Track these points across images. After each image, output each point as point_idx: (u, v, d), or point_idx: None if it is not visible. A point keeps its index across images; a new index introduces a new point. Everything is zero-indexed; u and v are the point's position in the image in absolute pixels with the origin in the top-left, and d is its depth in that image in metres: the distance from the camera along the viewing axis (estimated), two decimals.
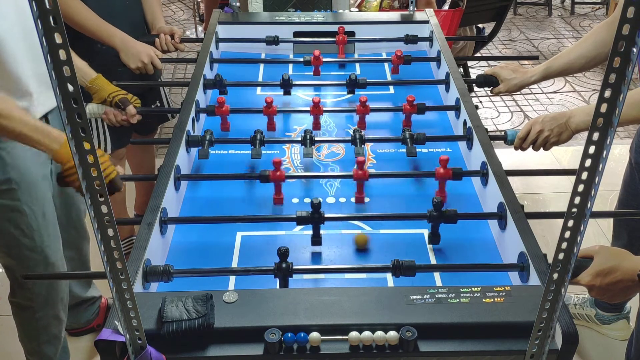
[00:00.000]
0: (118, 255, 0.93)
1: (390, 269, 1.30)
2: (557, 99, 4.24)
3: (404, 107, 1.91)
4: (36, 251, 1.78)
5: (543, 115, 1.71)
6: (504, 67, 1.99)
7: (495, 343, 1.12)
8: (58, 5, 0.73)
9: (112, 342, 1.07)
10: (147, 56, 2.11)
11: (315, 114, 1.90)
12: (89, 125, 0.82)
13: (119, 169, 1.55)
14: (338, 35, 2.31)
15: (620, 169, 2.14)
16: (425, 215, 1.45)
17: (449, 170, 1.59)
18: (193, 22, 5.39)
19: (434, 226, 1.46)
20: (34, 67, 1.63)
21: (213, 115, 1.88)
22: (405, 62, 2.18)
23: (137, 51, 2.10)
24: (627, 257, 1.21)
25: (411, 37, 2.32)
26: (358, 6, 3.40)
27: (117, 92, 1.86)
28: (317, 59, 2.16)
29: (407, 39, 2.32)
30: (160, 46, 2.21)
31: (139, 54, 2.10)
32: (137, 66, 2.11)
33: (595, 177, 0.88)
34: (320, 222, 1.44)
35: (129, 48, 2.10)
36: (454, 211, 1.45)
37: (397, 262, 1.30)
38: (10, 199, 1.67)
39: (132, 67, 2.11)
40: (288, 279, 1.30)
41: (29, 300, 1.87)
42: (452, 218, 1.45)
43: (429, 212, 1.45)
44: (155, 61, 2.13)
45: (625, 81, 0.80)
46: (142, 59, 2.10)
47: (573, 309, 2.41)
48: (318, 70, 2.19)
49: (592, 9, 5.97)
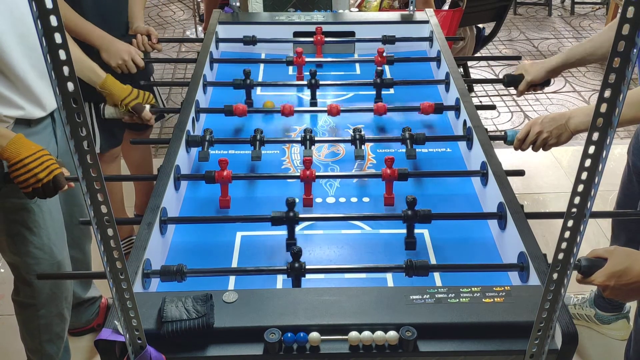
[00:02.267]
0: (118, 255, 0.93)
1: (403, 268, 1.30)
2: (557, 99, 4.24)
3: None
4: (43, 249, 1.79)
5: (543, 116, 1.71)
6: (526, 63, 1.99)
7: (495, 343, 1.12)
8: (58, 5, 0.73)
9: (112, 342, 1.07)
10: (127, 53, 2.10)
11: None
12: (88, 125, 0.82)
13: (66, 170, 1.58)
14: (316, 35, 2.30)
15: (620, 169, 2.14)
16: (401, 215, 1.44)
17: (395, 171, 1.59)
18: (193, 22, 5.39)
19: (409, 227, 1.45)
20: (36, 66, 1.63)
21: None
22: (388, 62, 2.18)
23: (117, 49, 2.09)
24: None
25: (389, 37, 2.32)
26: (358, 6, 3.40)
27: (129, 99, 1.87)
28: (299, 57, 2.15)
29: (385, 39, 2.33)
30: (137, 47, 2.19)
31: (119, 52, 2.09)
32: (118, 64, 2.11)
33: (595, 177, 0.88)
34: (295, 222, 1.44)
35: (109, 46, 2.09)
36: (427, 211, 1.44)
37: (410, 262, 1.29)
38: (19, 197, 1.67)
39: (112, 65, 2.11)
40: (301, 278, 1.30)
41: (32, 298, 1.88)
42: (427, 218, 1.44)
43: (403, 212, 1.44)
44: (136, 58, 2.13)
45: (625, 81, 0.80)
46: (123, 56, 2.10)
47: (573, 309, 2.41)
48: (301, 71, 2.18)
49: (592, 9, 5.97)
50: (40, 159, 1.51)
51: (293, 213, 1.42)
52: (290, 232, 1.44)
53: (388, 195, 1.60)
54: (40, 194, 1.52)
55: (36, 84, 1.65)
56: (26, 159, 1.49)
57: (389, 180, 1.59)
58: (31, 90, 1.64)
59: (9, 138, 1.52)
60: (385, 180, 1.60)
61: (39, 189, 1.51)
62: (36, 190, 1.51)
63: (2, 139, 1.51)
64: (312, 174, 1.58)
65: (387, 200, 1.60)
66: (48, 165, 1.52)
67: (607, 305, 2.32)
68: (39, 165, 1.50)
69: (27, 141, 1.53)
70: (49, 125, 1.77)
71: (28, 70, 1.62)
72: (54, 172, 1.52)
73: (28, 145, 1.52)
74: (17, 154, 1.50)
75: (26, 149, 1.51)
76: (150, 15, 5.65)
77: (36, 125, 1.71)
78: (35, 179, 1.50)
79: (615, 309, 2.33)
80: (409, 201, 1.44)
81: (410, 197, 1.44)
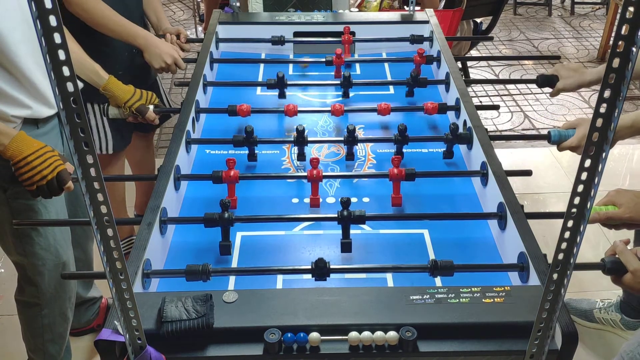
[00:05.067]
0: (118, 255, 0.93)
1: (428, 268, 1.29)
2: (557, 99, 4.24)
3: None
4: (49, 250, 1.80)
5: (585, 126, 1.68)
6: (565, 65, 1.99)
7: (495, 343, 1.12)
8: (57, 5, 0.73)
9: (112, 342, 1.07)
10: (170, 57, 2.11)
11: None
12: (88, 125, 0.82)
13: (67, 168, 1.57)
14: (344, 35, 2.30)
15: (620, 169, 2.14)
16: (336, 217, 1.43)
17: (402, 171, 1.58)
18: (193, 22, 5.39)
19: (344, 228, 1.43)
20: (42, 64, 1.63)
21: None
22: (428, 61, 2.17)
23: (161, 51, 2.10)
24: None
25: (417, 37, 2.32)
26: (358, 6, 3.40)
27: (132, 101, 1.88)
28: (339, 57, 2.13)
29: (413, 38, 2.31)
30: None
31: (162, 55, 2.10)
32: (161, 66, 2.11)
33: (595, 177, 0.88)
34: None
35: (153, 48, 2.09)
36: (362, 211, 1.42)
37: (435, 262, 1.28)
38: (26, 199, 1.68)
39: (155, 67, 2.12)
40: (326, 278, 1.29)
41: (36, 298, 1.88)
42: (361, 219, 1.42)
43: (338, 213, 1.42)
44: (179, 62, 2.14)
45: (625, 81, 0.80)
46: (166, 59, 2.11)
47: (598, 314, 2.37)
48: (339, 71, 2.16)
49: (592, 9, 5.97)
50: (43, 156, 1.51)
51: (227, 214, 1.41)
52: (224, 234, 1.42)
53: (395, 195, 1.59)
54: (45, 192, 1.52)
55: (42, 82, 1.65)
56: (29, 156, 1.49)
57: (396, 180, 1.58)
58: (37, 88, 1.64)
59: (11, 136, 1.51)
60: (393, 180, 1.59)
61: (43, 187, 1.51)
62: (41, 188, 1.51)
63: (4, 137, 1.50)
64: (320, 174, 1.57)
65: (395, 201, 1.59)
66: (52, 162, 1.51)
67: (632, 311, 2.29)
68: (42, 163, 1.50)
69: (29, 138, 1.53)
70: (56, 126, 1.77)
71: (34, 69, 1.62)
72: (58, 169, 1.51)
73: (30, 142, 1.52)
74: (19, 152, 1.49)
75: (28, 146, 1.51)
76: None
77: (44, 125, 1.71)
78: (40, 176, 1.49)
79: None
80: (343, 201, 1.43)
81: (344, 198, 1.43)
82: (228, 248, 1.42)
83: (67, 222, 1.93)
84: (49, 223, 1.81)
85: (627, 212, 1.42)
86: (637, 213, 1.41)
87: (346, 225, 1.42)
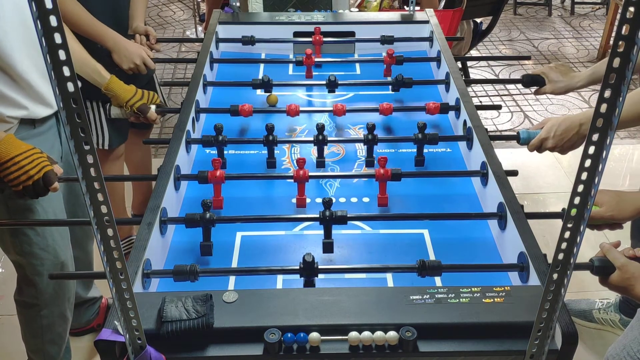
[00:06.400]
0: (118, 255, 0.93)
1: (416, 268, 1.29)
2: (557, 99, 4.24)
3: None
4: (47, 250, 1.80)
5: (555, 126, 1.67)
6: (553, 67, 1.98)
7: (495, 343, 1.12)
8: (57, 5, 0.73)
9: (112, 342, 1.07)
10: (138, 57, 2.12)
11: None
12: (88, 125, 0.82)
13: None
14: (314, 35, 2.30)
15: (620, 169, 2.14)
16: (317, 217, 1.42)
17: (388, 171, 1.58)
18: (193, 22, 5.39)
19: (326, 228, 1.43)
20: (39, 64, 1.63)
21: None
22: (397, 62, 2.17)
23: (129, 52, 2.11)
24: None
25: (387, 37, 2.32)
26: (358, 6, 3.40)
27: (133, 100, 1.88)
28: (309, 58, 2.14)
29: (383, 39, 2.32)
30: None
31: (131, 55, 2.11)
32: (130, 67, 2.12)
33: (595, 177, 0.88)
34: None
35: (121, 49, 2.10)
36: (344, 211, 1.42)
37: (423, 263, 1.28)
38: (24, 199, 1.67)
39: (124, 68, 2.12)
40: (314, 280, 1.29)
41: (35, 299, 1.88)
42: (343, 219, 1.42)
43: (320, 213, 1.42)
44: (148, 62, 2.14)
45: (625, 81, 0.80)
46: (134, 60, 2.11)
47: (597, 314, 2.38)
48: (310, 71, 2.17)
49: (592, 9, 5.97)
50: (31, 157, 1.51)
51: (209, 215, 1.41)
52: (206, 234, 1.42)
53: (382, 195, 1.60)
54: (30, 192, 1.51)
55: (39, 82, 1.65)
56: (17, 157, 1.49)
57: (382, 180, 1.58)
58: (34, 89, 1.64)
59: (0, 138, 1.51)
60: (379, 181, 1.59)
61: (29, 187, 1.50)
62: (26, 188, 1.51)
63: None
64: (306, 174, 1.57)
65: (381, 201, 1.60)
66: (39, 162, 1.51)
67: (631, 311, 2.28)
68: (29, 163, 1.50)
69: (17, 141, 1.53)
70: (53, 125, 1.77)
71: (31, 70, 1.62)
72: (45, 169, 1.51)
73: (18, 144, 1.52)
74: (7, 153, 1.50)
75: (17, 148, 1.51)
76: (150, 15, 5.65)
77: (41, 125, 1.71)
78: (26, 176, 1.49)
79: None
80: (325, 202, 1.42)
81: (326, 198, 1.43)
82: (209, 248, 1.41)
83: (67, 222, 1.93)
84: (50, 223, 1.81)
85: (609, 211, 1.44)
86: (618, 212, 1.43)
87: (328, 226, 1.42)
